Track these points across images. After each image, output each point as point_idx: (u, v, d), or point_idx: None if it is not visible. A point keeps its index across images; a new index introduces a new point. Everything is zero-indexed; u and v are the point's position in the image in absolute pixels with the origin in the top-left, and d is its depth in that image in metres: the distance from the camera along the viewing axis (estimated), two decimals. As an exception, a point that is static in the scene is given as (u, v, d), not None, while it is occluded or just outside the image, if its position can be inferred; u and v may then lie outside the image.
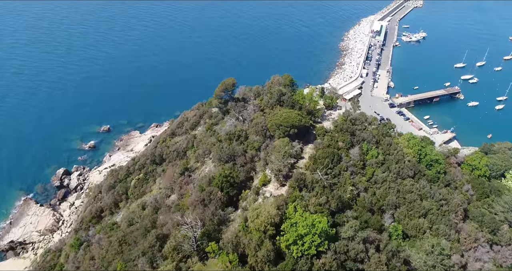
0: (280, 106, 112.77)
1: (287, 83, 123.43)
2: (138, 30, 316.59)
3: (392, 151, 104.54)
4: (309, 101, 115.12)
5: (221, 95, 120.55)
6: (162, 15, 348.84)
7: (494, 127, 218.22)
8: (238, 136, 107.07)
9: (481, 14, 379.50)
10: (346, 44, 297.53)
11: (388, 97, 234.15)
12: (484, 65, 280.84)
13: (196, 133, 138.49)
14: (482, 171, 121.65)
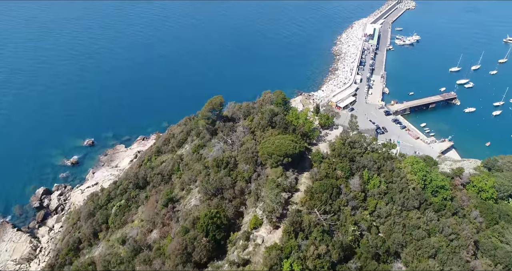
0: (272, 128, 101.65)
1: (279, 101, 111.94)
2: (122, 42, 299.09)
3: (395, 178, 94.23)
4: (303, 122, 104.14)
5: (208, 116, 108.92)
6: (148, 23, 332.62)
7: (492, 134, 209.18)
8: (226, 163, 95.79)
9: (474, 15, 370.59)
10: (339, 48, 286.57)
11: (384, 104, 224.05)
12: (479, 69, 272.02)
13: (182, 154, 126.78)
14: (489, 193, 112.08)
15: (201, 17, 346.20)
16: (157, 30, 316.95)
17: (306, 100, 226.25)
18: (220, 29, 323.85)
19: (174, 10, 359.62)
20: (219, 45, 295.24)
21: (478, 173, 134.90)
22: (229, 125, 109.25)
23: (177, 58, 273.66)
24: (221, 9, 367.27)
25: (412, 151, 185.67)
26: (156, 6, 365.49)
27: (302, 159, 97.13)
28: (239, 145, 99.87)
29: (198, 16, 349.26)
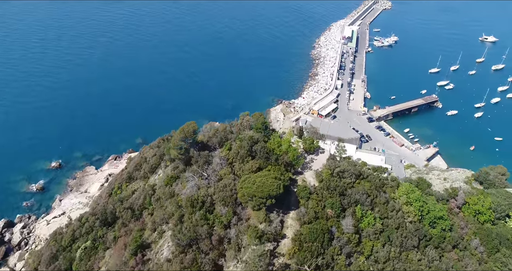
0: (252, 157, 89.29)
1: (258, 126, 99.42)
2: (91, 51, 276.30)
3: (390, 212, 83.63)
4: (286, 150, 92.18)
5: (180, 145, 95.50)
6: (120, 31, 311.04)
7: (476, 137, 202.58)
8: (202, 202, 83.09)
9: (450, 15, 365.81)
10: (318, 52, 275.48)
11: (366, 110, 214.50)
12: (458, 69, 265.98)
13: (155, 184, 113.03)
14: (486, 215, 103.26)
15: (175, 22, 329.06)
16: (129, 37, 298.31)
17: (287, 109, 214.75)
18: (193, 34, 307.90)
19: (144, 16, 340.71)
20: (195, 51, 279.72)
21: (470, 189, 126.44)
22: (204, 155, 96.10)
23: (150, 67, 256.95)
24: (190, 12, 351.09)
25: (398, 160, 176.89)
26: (125, 13, 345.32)
27: (287, 192, 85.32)
28: (216, 180, 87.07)
29: (174, 21, 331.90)
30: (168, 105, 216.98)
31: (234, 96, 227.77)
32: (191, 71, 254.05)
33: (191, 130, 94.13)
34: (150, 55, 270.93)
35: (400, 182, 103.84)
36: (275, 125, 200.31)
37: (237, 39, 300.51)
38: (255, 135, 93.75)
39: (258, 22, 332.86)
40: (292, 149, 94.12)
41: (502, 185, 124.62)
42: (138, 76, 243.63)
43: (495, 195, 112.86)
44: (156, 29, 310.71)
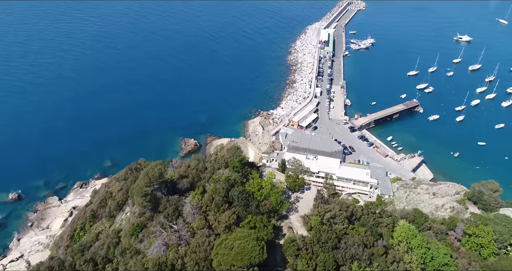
0: (229, 204, 74.99)
1: (235, 164, 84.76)
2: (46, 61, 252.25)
3: (390, 265, 71.22)
4: (268, 192, 78.18)
5: (145, 192, 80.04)
6: (80, 42, 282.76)
7: (459, 142, 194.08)
8: (171, 265, 68.36)
9: (423, 14, 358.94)
10: (295, 57, 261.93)
11: (347, 119, 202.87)
12: (436, 70, 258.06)
13: (120, 230, 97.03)
14: (489, 248, 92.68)
15: (144, 26, 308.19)
16: (97, 49, 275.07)
17: (266, 120, 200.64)
18: (164, 41, 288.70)
19: (107, 26, 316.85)
20: (166, 60, 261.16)
21: (463, 209, 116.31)
22: (174, 201, 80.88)
23: (119, 79, 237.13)
24: (160, 16, 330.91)
25: (384, 172, 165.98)
26: (88, 23, 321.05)
27: (271, 247, 71.48)
28: (187, 236, 72.24)
29: (143, 25, 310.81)
30: (138, 121, 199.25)
31: (209, 108, 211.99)
32: (163, 81, 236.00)
33: (157, 174, 78.72)
34: (116, 66, 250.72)
35: (396, 217, 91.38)
36: (254, 139, 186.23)
37: (210, 45, 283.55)
38: (232, 175, 79.28)
39: (232, 26, 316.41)
40: (274, 191, 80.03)
41: (497, 205, 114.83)
42: (106, 91, 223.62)
43: (494, 220, 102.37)
44: (124, 37, 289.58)
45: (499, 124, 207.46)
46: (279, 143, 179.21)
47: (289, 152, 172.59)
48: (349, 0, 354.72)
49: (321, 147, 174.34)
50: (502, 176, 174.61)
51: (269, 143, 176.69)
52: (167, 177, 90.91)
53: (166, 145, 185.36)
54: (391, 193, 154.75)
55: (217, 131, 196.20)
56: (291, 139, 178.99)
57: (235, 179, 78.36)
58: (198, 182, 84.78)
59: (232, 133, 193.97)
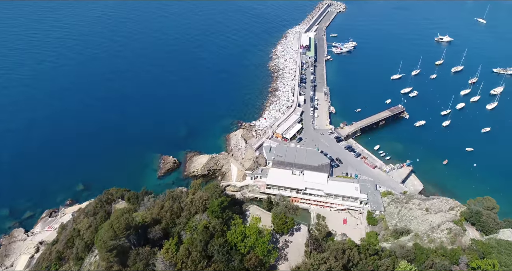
0: (208, 259, 63.72)
1: (215, 208, 73.37)
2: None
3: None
4: (253, 242, 67.12)
5: (110, 246, 67.95)
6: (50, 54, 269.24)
7: (447, 149, 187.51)
8: None
9: (403, 15, 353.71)
10: (276, 63, 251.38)
11: (333, 128, 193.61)
12: (419, 73, 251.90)
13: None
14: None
15: (119, 32, 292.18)
16: (59, 59, 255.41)
17: (248, 133, 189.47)
18: (139, 47, 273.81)
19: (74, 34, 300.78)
20: (141, 70, 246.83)
21: (460, 231, 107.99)
22: (145, 255, 69.08)
23: (89, 90, 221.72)
24: (135, 21, 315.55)
25: (373, 186, 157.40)
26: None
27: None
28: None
29: (118, 31, 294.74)
30: (112, 138, 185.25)
31: (188, 120, 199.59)
32: (138, 93, 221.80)
33: (123, 225, 66.82)
34: (90, 78, 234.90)
35: (396, 257, 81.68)
36: (236, 154, 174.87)
37: (189, 52, 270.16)
38: (211, 222, 67.98)
39: (211, 31, 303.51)
40: (260, 241, 68.86)
41: (496, 226, 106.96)
42: (76, 107, 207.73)
43: (498, 249, 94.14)
44: (98, 45, 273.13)
45: (485, 128, 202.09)
46: (263, 157, 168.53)
47: (274, 167, 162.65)
48: (329, 2, 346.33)
49: (307, 161, 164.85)
50: (492, 183, 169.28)
51: (253, 158, 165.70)
52: (138, 220, 78.77)
53: (143, 163, 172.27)
54: (382, 209, 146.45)
55: (197, 146, 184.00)
56: (276, 153, 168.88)
57: (214, 227, 67.19)
58: (173, 227, 72.99)
59: (213, 148, 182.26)
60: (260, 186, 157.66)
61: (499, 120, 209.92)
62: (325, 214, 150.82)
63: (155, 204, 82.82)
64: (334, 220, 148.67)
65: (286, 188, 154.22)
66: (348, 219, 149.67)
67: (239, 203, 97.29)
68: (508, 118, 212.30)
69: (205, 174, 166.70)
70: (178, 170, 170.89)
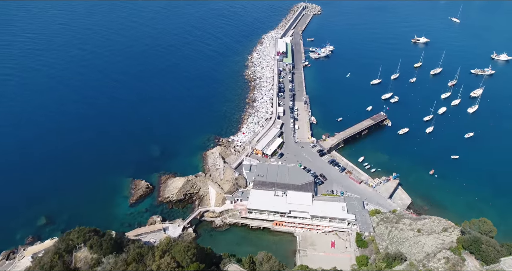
0: None
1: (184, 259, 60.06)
2: None
3: None
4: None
5: None
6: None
7: (432, 158, 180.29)
8: None
9: (379, 16, 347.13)
10: (252, 72, 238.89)
11: (315, 141, 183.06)
12: (398, 77, 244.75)
13: None
14: None
15: (87, 40, 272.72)
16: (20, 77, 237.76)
17: (226, 150, 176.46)
18: (107, 57, 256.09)
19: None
20: (112, 76, 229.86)
21: (461, 263, 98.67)
22: None
23: (49, 108, 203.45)
24: (104, 28, 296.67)
25: (361, 204, 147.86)
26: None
27: None
28: None
29: (85, 39, 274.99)
30: (77, 162, 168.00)
31: (161, 138, 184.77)
32: (104, 109, 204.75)
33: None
34: (50, 92, 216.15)
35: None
36: (214, 175, 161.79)
37: (160, 61, 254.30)
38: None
39: (184, 37, 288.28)
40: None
41: (497, 255, 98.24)
42: (35, 124, 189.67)
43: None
44: (62, 55, 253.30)
45: (468, 134, 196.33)
46: (243, 178, 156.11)
47: (255, 189, 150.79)
48: (304, 4, 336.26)
49: (290, 179, 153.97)
50: (479, 192, 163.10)
51: (232, 180, 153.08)
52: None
53: (113, 190, 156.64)
54: (371, 229, 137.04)
55: (172, 167, 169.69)
56: (256, 172, 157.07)
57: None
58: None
59: (189, 168, 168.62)
60: (241, 210, 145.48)
61: (481, 124, 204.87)
62: (312, 237, 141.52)
63: (117, 266, 69.20)
64: (321, 244, 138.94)
65: (269, 212, 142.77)
66: (336, 242, 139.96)
67: (216, 262, 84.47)
68: (489, 122, 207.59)
69: (181, 199, 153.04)
70: (151, 195, 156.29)
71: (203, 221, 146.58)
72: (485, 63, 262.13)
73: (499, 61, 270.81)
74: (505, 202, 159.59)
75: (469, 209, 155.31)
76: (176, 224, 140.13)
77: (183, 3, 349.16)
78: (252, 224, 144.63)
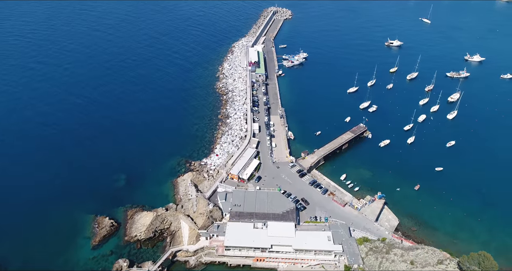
0: None
1: None
2: None
3: None
4: None
5: None
6: None
7: (416, 171, 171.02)
8: None
9: (351, 18, 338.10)
10: (224, 84, 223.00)
11: (294, 160, 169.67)
12: (375, 84, 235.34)
13: None
14: None
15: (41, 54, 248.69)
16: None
17: (199, 175, 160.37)
18: (64, 74, 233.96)
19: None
20: (71, 96, 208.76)
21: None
22: None
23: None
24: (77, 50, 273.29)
25: (347, 231, 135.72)
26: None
27: None
28: None
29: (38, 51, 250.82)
30: (28, 194, 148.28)
31: (127, 164, 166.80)
32: (62, 130, 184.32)
33: None
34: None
35: None
36: (187, 206, 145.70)
37: (124, 76, 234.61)
38: None
39: (150, 43, 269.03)
40: None
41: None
42: None
43: None
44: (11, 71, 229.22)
45: (450, 142, 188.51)
46: (218, 210, 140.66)
47: (232, 221, 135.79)
48: (274, 9, 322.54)
49: (270, 208, 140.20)
50: (467, 207, 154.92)
51: (206, 213, 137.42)
52: None
53: (73, 230, 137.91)
54: (360, 261, 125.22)
55: (139, 198, 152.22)
56: (233, 201, 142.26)
57: None
58: None
59: (159, 199, 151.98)
60: (218, 248, 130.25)
61: (461, 131, 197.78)
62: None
63: None
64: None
65: (248, 248, 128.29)
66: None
67: None
68: (469, 128, 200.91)
69: (151, 237, 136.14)
70: (117, 233, 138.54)
71: (176, 262, 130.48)
72: (460, 65, 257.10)
73: (472, 63, 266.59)
74: (492, 215, 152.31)
75: (459, 228, 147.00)
76: (146, 269, 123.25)
77: (149, 10, 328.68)
78: (230, 261, 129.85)
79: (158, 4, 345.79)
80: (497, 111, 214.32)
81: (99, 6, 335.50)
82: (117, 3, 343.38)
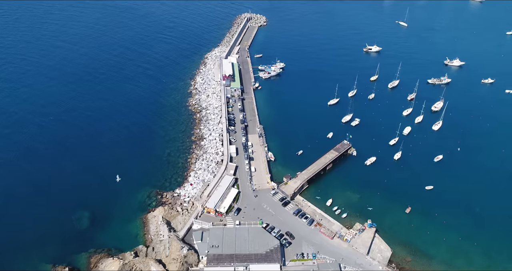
0: None
1: None
2: None
3: None
4: None
5: None
6: None
7: (406, 191, 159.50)
8: None
9: (326, 23, 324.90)
10: (197, 101, 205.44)
11: (275, 186, 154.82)
12: (356, 94, 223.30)
13: None
14: None
15: None
16: None
17: (172, 210, 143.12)
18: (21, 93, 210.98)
19: None
20: (32, 118, 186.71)
21: None
22: None
23: None
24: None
25: (338, 269, 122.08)
26: None
27: None
28: None
29: None
30: None
31: (90, 198, 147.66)
32: (12, 160, 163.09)
33: None
34: None
35: None
36: (159, 249, 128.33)
37: (88, 95, 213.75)
38: None
39: (116, 57, 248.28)
40: None
41: None
42: None
43: None
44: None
45: (437, 157, 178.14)
46: (193, 254, 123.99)
47: (209, 267, 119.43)
48: (248, 15, 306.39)
49: (252, 246, 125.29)
50: (461, 229, 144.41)
51: (179, 258, 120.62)
52: None
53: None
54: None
55: (104, 240, 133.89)
56: (210, 241, 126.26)
57: None
58: None
59: (127, 240, 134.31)
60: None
61: (448, 144, 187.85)
62: None
63: None
64: None
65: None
66: None
67: None
68: (455, 139, 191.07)
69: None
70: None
71: None
72: (440, 70, 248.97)
73: (452, 67, 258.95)
74: (489, 237, 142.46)
75: (455, 255, 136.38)
76: None
77: (115, 22, 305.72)
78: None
79: (128, 11, 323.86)
80: (481, 119, 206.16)
81: (62, 12, 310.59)
82: (83, 9, 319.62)
